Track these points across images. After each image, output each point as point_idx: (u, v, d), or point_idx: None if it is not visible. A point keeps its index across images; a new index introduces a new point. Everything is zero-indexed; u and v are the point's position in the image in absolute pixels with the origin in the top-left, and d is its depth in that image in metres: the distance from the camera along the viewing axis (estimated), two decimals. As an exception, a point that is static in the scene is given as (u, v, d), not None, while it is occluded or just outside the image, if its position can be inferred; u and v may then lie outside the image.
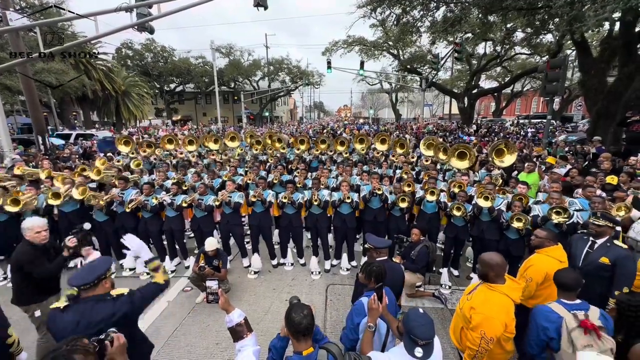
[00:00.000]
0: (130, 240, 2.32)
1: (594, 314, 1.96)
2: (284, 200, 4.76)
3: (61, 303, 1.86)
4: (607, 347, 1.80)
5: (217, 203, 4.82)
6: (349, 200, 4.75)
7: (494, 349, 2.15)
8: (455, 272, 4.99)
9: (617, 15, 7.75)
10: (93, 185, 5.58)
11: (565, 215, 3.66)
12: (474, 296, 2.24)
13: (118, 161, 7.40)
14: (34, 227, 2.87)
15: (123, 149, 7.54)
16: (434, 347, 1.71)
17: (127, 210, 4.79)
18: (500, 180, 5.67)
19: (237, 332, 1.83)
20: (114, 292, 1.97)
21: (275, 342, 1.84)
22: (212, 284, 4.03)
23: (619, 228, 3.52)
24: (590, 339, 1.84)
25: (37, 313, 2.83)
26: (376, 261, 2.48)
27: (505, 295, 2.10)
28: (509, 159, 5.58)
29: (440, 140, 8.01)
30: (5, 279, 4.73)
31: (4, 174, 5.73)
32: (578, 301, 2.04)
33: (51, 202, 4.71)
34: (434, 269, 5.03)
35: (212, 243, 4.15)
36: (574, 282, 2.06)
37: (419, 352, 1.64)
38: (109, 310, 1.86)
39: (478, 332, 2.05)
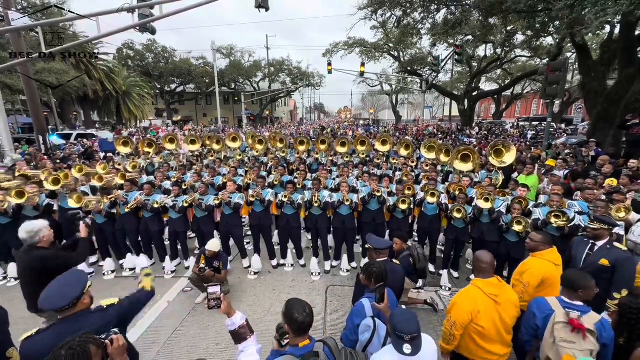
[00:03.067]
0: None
1: (591, 319, 1.97)
2: (284, 200, 4.76)
3: (30, 332, 1.71)
4: (586, 348, 1.89)
5: (218, 202, 4.82)
6: (347, 202, 4.76)
7: (473, 348, 2.21)
8: (455, 274, 4.99)
9: (617, 18, 7.78)
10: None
11: (564, 219, 3.66)
12: None
13: (119, 164, 7.40)
14: (43, 228, 2.77)
15: (122, 149, 7.55)
16: (421, 343, 1.70)
17: (127, 210, 4.79)
18: (500, 181, 5.66)
19: (240, 335, 1.84)
20: (104, 303, 1.97)
21: (270, 358, 1.83)
22: (214, 290, 4.01)
23: (622, 232, 3.53)
24: (574, 336, 1.93)
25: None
26: (377, 262, 2.49)
27: (476, 287, 2.22)
28: (509, 158, 5.59)
29: (441, 142, 8.02)
30: (5, 278, 4.74)
31: (6, 175, 5.73)
32: (579, 303, 2.07)
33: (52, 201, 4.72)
34: (433, 271, 5.05)
35: (214, 245, 4.15)
36: (574, 282, 2.10)
37: (407, 348, 1.65)
38: (102, 322, 1.84)
39: (448, 316, 2.26)
